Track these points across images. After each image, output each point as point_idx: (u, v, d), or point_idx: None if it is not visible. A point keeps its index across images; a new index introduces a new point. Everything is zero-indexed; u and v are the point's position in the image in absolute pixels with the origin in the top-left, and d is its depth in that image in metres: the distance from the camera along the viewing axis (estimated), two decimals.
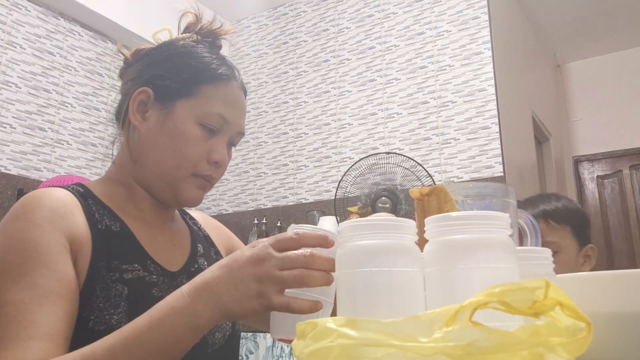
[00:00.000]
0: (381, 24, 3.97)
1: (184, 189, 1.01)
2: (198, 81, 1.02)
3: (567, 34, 5.08)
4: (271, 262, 0.71)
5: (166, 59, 1.05)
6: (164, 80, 1.02)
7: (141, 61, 1.08)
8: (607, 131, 5.28)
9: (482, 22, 3.58)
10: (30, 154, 3.26)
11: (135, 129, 1.03)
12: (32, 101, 3.31)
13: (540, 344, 0.44)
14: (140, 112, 1.03)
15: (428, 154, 3.58)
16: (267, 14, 4.57)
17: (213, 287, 0.72)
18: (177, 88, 1.01)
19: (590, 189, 5.39)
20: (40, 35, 3.43)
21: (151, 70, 1.05)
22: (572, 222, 1.68)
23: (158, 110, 1.01)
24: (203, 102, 1.01)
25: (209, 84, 1.02)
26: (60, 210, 0.91)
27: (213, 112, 1.00)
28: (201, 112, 1.00)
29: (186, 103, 1.00)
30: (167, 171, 1.00)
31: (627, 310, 0.58)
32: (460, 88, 3.56)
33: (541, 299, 0.45)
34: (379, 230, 0.59)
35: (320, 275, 0.70)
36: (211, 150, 1.01)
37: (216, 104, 1.01)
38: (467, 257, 0.54)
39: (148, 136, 1.02)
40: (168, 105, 1.01)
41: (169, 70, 1.03)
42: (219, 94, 1.02)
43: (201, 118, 1.00)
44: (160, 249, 1.02)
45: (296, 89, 4.24)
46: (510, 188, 0.71)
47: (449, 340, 0.44)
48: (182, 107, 1.00)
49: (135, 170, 1.04)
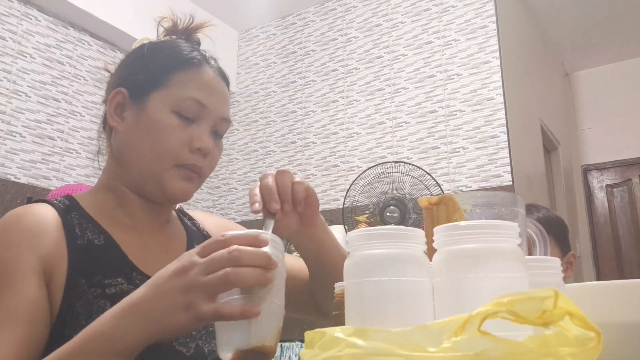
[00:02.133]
0: (389, 33, 3.98)
1: (168, 181, 0.97)
2: (168, 70, 0.99)
3: (575, 42, 5.07)
4: (195, 269, 0.66)
5: (137, 58, 1.04)
6: (136, 76, 1.00)
7: (118, 68, 1.07)
8: (616, 140, 5.25)
9: (490, 30, 3.58)
10: (39, 163, 3.28)
11: (116, 132, 1.01)
12: (41, 110, 3.33)
13: (550, 354, 0.44)
14: (118, 114, 1.00)
15: (436, 162, 3.57)
16: (276, 23, 4.59)
17: (139, 305, 0.68)
18: (148, 81, 0.98)
19: (599, 198, 5.36)
20: (50, 44, 3.46)
21: (124, 70, 1.04)
22: (554, 231, 1.77)
23: (134, 107, 0.99)
24: (175, 89, 0.97)
25: (179, 70, 0.99)
26: (35, 229, 0.88)
27: (186, 97, 0.97)
28: (174, 99, 0.97)
29: (158, 94, 0.97)
30: (148, 165, 0.97)
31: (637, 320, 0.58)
32: (469, 97, 3.56)
33: (550, 309, 0.45)
34: (387, 239, 0.59)
35: (250, 272, 0.64)
36: (192, 137, 0.97)
37: (189, 88, 0.98)
38: (476, 267, 0.54)
39: (127, 135, 0.99)
40: (142, 101, 0.98)
41: (140, 66, 1.01)
42: (190, 78, 0.99)
43: (175, 106, 0.97)
44: (150, 257, 0.98)
45: (304, 98, 4.24)
46: (519, 197, 0.71)
47: (458, 350, 0.43)
48: (155, 99, 0.97)
49: (121, 173, 1.02)
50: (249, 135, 4.44)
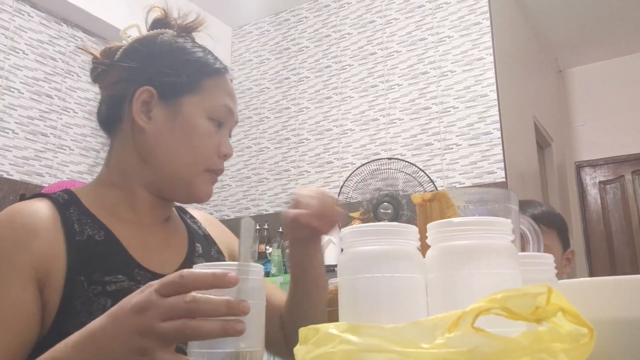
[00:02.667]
0: (383, 30, 3.98)
1: (199, 185, 1.00)
2: (200, 76, 1.01)
3: (568, 39, 5.09)
4: (153, 311, 0.59)
5: (161, 56, 1.02)
6: (167, 77, 1.00)
7: (126, 61, 1.03)
8: (609, 136, 5.27)
9: (484, 27, 3.58)
10: (32, 160, 3.26)
11: (142, 130, 0.99)
12: (34, 106, 3.32)
13: (543, 350, 0.44)
14: (144, 112, 0.99)
15: (430, 159, 3.58)
16: (269, 19, 4.58)
17: (97, 339, 0.63)
18: (181, 84, 1.00)
19: (592, 195, 5.38)
20: (43, 40, 3.44)
21: (148, 68, 1.01)
22: (557, 226, 1.78)
23: (164, 108, 0.99)
24: (208, 96, 1.00)
25: (209, 78, 1.02)
26: (29, 228, 0.87)
27: (220, 105, 1.01)
28: (209, 105, 1.00)
29: (193, 98, 0.99)
30: (182, 168, 0.98)
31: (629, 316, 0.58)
32: (462, 94, 3.56)
33: (543, 305, 0.45)
34: (380, 236, 0.59)
35: (209, 325, 0.58)
36: (220, 143, 1.01)
37: (221, 96, 1.02)
38: (469, 263, 0.54)
39: (158, 135, 0.98)
40: (174, 103, 0.99)
41: (170, 68, 1.01)
42: (220, 86, 1.03)
43: (210, 112, 1.00)
44: (152, 252, 0.97)
45: (298, 94, 4.24)
46: (512, 194, 0.71)
47: (451, 347, 0.43)
48: (190, 103, 0.99)
49: (143, 171, 1.00)
50: (242, 132, 4.43)
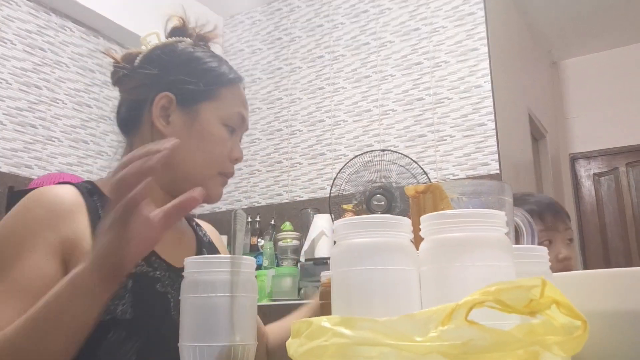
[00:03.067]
0: (376, 20, 3.96)
1: (211, 187, 1.06)
2: (216, 85, 1.08)
3: (562, 30, 5.09)
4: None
5: (180, 64, 1.09)
6: (186, 84, 1.06)
7: (147, 67, 1.09)
8: (603, 128, 5.29)
9: (478, 18, 3.58)
10: (21, 151, 3.24)
11: (161, 133, 1.05)
12: (22, 98, 3.29)
13: (536, 343, 0.44)
14: (163, 116, 1.06)
15: (423, 151, 3.58)
16: (261, 9, 4.56)
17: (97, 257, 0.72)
18: (199, 92, 1.06)
19: (586, 187, 5.40)
20: (31, 31, 3.41)
21: (168, 75, 1.07)
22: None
23: (182, 113, 1.06)
24: (224, 103, 1.08)
25: (224, 87, 1.09)
26: (58, 210, 0.92)
27: (234, 112, 1.09)
28: (224, 112, 1.07)
29: (209, 105, 1.07)
30: (197, 171, 1.04)
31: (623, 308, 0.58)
32: (456, 85, 3.56)
33: (537, 298, 0.45)
34: (373, 228, 0.58)
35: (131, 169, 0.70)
36: (232, 148, 1.08)
37: (235, 104, 1.10)
38: (462, 255, 0.54)
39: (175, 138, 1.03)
40: (192, 109, 1.06)
41: (188, 75, 1.07)
42: (234, 95, 1.11)
43: (224, 119, 1.07)
44: (167, 245, 1.03)
45: (290, 85, 4.23)
46: (506, 185, 0.71)
47: (445, 340, 0.43)
48: (207, 110, 1.06)
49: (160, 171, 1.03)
50: None
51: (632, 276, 0.59)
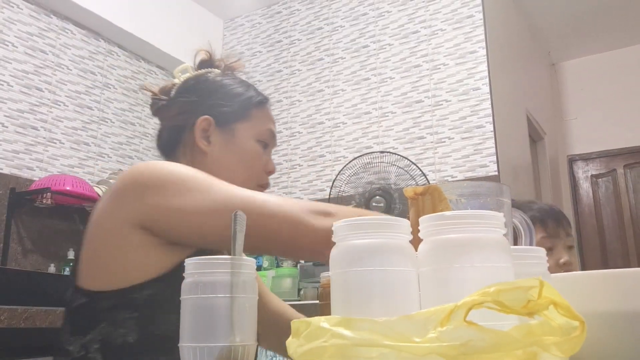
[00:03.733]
0: (375, 23, 3.97)
1: None
2: (249, 106, 1.22)
3: (561, 32, 5.09)
4: None
5: (216, 91, 1.22)
6: (222, 108, 1.19)
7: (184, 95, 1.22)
8: (601, 130, 5.29)
9: (477, 20, 3.58)
10: (22, 153, 3.24)
11: (203, 153, 1.17)
12: (24, 100, 3.30)
13: (535, 343, 0.44)
14: (204, 137, 1.17)
15: (422, 153, 3.58)
16: (261, 12, 4.56)
17: None
18: (234, 113, 1.19)
19: (584, 188, 5.40)
20: (33, 33, 3.41)
21: (205, 101, 1.20)
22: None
23: (221, 133, 1.18)
24: (256, 122, 1.21)
25: (256, 108, 1.23)
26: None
27: (267, 129, 1.22)
28: (257, 130, 1.20)
29: (244, 125, 1.20)
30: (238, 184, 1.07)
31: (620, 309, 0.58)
32: (455, 87, 3.56)
33: (535, 298, 0.45)
34: (373, 229, 0.59)
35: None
36: (267, 162, 1.22)
37: (266, 122, 1.23)
38: (461, 257, 0.54)
39: (217, 157, 1.17)
40: (229, 129, 1.18)
41: (223, 100, 1.20)
42: (264, 114, 1.24)
43: (258, 136, 1.20)
44: None
45: (290, 87, 4.23)
46: (505, 187, 0.71)
47: (444, 340, 0.43)
48: (242, 129, 1.19)
49: None
50: None
51: (630, 277, 0.59)
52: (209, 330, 0.67)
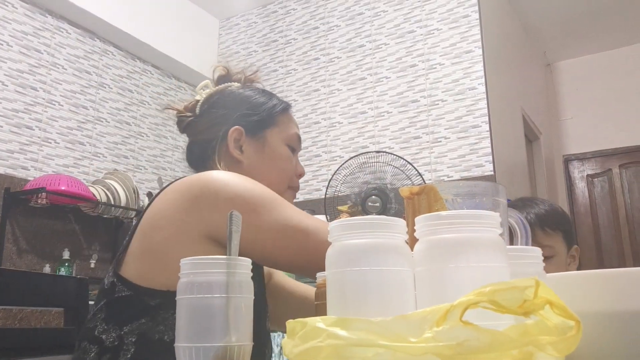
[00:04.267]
0: (371, 22, 3.97)
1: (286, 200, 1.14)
2: (275, 113, 1.27)
3: (557, 32, 5.10)
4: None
5: (241, 102, 1.26)
6: (250, 117, 1.24)
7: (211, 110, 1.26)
8: (597, 130, 5.30)
9: (473, 20, 3.59)
10: (17, 153, 3.23)
11: (238, 161, 1.21)
12: (19, 99, 3.29)
13: (530, 343, 0.44)
14: (237, 147, 1.21)
15: (418, 152, 3.58)
16: (257, 11, 4.56)
17: None
18: (262, 121, 1.24)
19: (580, 188, 5.42)
20: (27, 32, 3.40)
21: (234, 112, 1.24)
22: (563, 227, 1.77)
23: (252, 142, 1.23)
24: (284, 127, 1.27)
25: (281, 114, 1.28)
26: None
27: (294, 133, 1.28)
28: (286, 135, 1.26)
29: (273, 131, 1.25)
30: (273, 188, 1.10)
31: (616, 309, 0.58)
32: (451, 86, 3.56)
33: (531, 298, 0.45)
34: (368, 229, 0.59)
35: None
36: (296, 164, 1.27)
37: (292, 127, 1.29)
38: (457, 256, 0.54)
39: (252, 164, 1.21)
40: (260, 136, 1.23)
41: (250, 109, 1.25)
42: (289, 119, 1.30)
43: (287, 140, 1.26)
44: None
45: (286, 87, 4.23)
46: (501, 187, 0.71)
47: (439, 340, 0.43)
48: (272, 135, 1.24)
49: None
50: None
51: (626, 277, 0.59)
52: (204, 330, 0.67)
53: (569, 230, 1.80)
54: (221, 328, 0.66)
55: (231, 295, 0.68)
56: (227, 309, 0.67)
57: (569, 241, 1.79)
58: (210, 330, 0.67)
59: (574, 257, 1.79)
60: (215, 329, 0.66)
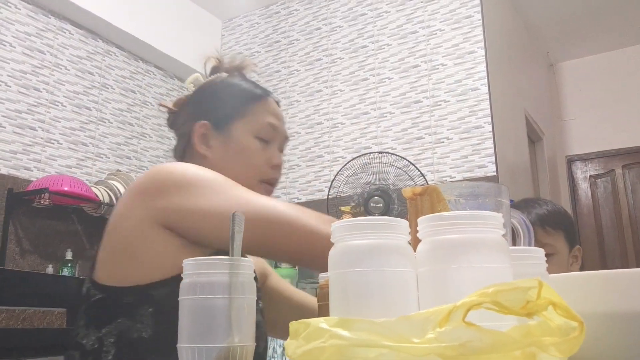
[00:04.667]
0: (374, 23, 3.97)
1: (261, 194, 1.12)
2: (244, 103, 1.21)
3: (559, 33, 5.10)
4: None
5: (212, 94, 1.23)
6: (217, 110, 1.21)
7: (189, 105, 1.25)
8: (599, 130, 5.29)
9: (475, 21, 3.58)
10: (20, 153, 3.24)
11: (205, 157, 1.18)
12: (22, 100, 3.29)
13: (533, 344, 0.44)
14: (204, 143, 1.18)
15: (421, 153, 3.58)
16: (259, 12, 4.56)
17: None
18: (229, 113, 1.19)
19: (583, 189, 5.41)
20: (30, 33, 3.41)
21: (202, 106, 1.22)
22: (564, 227, 1.77)
23: (219, 136, 1.18)
24: (253, 118, 1.20)
25: (253, 103, 1.21)
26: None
27: (264, 124, 1.20)
28: (254, 126, 1.19)
29: (239, 123, 1.19)
30: (243, 183, 1.07)
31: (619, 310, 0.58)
32: (453, 87, 3.56)
33: (534, 299, 0.45)
34: (371, 230, 0.59)
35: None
36: (270, 156, 1.20)
37: (264, 116, 1.21)
38: (460, 257, 0.54)
39: (218, 159, 1.17)
40: (226, 129, 1.18)
41: (218, 101, 1.22)
42: (263, 108, 1.22)
43: (256, 132, 1.19)
44: None
45: (288, 87, 4.23)
46: (503, 187, 0.71)
47: (442, 341, 0.43)
48: (238, 127, 1.19)
49: None
50: None
51: (629, 278, 0.59)
52: (207, 331, 0.67)
53: (571, 230, 1.80)
54: (224, 329, 0.66)
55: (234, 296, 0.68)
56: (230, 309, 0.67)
57: (571, 241, 1.78)
58: (212, 331, 0.67)
59: (576, 257, 1.79)
60: (218, 330, 0.67)
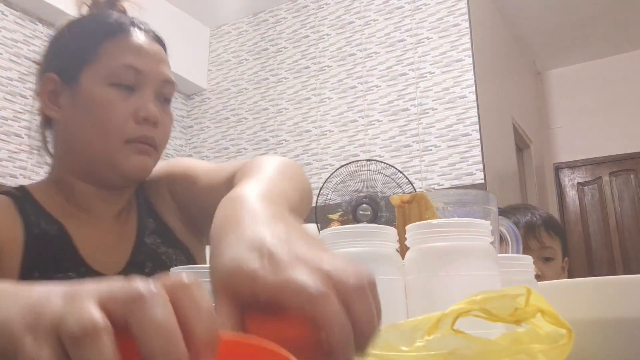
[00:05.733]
0: (362, 31, 3.98)
1: (122, 159, 0.89)
2: (96, 42, 0.90)
3: (546, 41, 5.14)
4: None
5: (59, 38, 0.96)
6: (62, 57, 0.93)
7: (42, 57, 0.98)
8: (587, 138, 5.33)
9: (463, 29, 3.60)
10: (5, 161, 3.21)
11: (57, 121, 0.94)
12: (8, 107, 3.27)
13: (522, 351, 0.44)
14: (53, 102, 0.93)
15: (409, 161, 3.59)
16: (248, 20, 4.57)
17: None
18: (76, 58, 0.90)
19: (570, 196, 5.44)
20: (17, 40, 3.39)
21: (49, 55, 0.96)
22: (561, 235, 1.80)
23: (68, 90, 0.91)
24: (106, 60, 0.89)
25: (107, 40, 0.90)
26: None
27: (119, 65, 0.89)
28: (107, 71, 0.88)
29: (90, 69, 0.89)
30: (97, 147, 0.89)
31: (607, 316, 0.58)
32: (441, 95, 3.57)
33: (522, 306, 0.45)
34: (359, 237, 0.58)
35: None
36: (135, 108, 0.89)
37: (120, 56, 0.89)
38: (448, 265, 0.54)
39: (68, 121, 0.91)
40: (75, 80, 0.90)
41: (64, 46, 0.93)
42: (120, 45, 0.90)
43: (110, 78, 0.88)
44: (98, 249, 0.92)
45: (276, 95, 4.23)
46: (491, 195, 0.71)
47: (431, 349, 0.43)
48: (87, 76, 0.89)
49: (72, 163, 0.94)
50: (219, 133, 4.41)
51: (616, 285, 0.59)
52: None
53: (565, 240, 1.84)
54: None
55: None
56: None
57: (564, 251, 1.81)
58: None
59: (563, 268, 1.81)
60: None
